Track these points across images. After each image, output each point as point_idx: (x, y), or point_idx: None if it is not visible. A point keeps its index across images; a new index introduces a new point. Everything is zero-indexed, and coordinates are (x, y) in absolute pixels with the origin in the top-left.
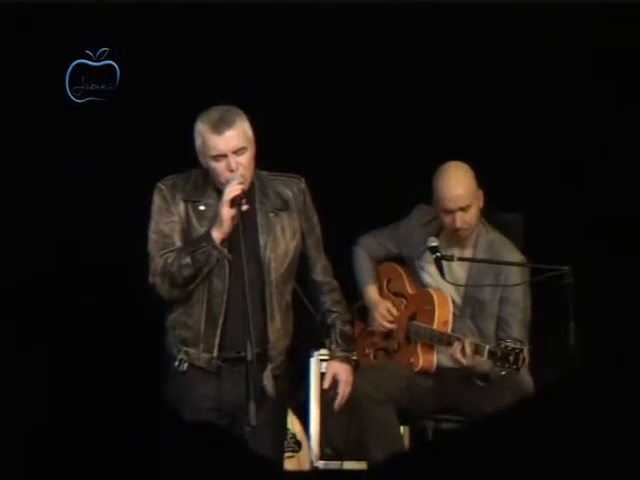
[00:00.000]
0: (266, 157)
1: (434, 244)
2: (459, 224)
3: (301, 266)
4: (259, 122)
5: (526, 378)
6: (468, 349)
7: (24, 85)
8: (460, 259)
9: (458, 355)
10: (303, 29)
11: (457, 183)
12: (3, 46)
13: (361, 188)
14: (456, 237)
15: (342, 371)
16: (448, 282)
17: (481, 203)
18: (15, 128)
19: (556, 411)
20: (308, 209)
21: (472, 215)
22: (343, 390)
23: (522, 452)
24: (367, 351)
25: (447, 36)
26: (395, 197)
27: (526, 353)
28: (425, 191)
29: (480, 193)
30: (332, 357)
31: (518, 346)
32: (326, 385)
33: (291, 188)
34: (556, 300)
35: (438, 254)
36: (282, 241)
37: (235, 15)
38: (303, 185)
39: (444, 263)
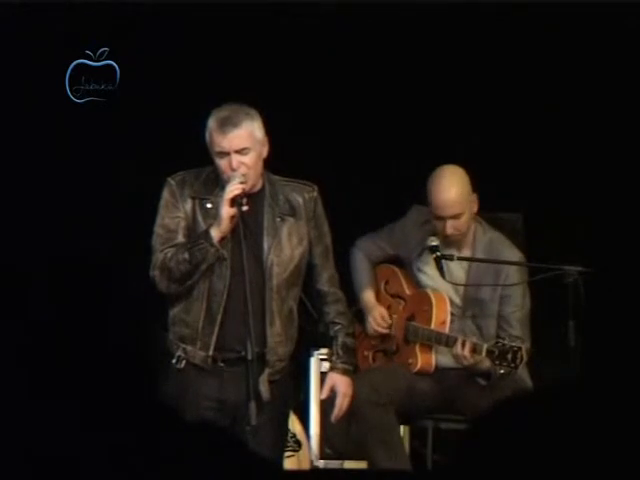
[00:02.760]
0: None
1: (434, 243)
2: (449, 231)
3: (307, 274)
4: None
5: (526, 379)
6: (467, 348)
7: (24, 85)
8: (460, 258)
9: (461, 354)
10: (304, 28)
11: (449, 190)
12: (3, 46)
13: (363, 192)
14: (455, 237)
15: (341, 383)
16: (448, 282)
17: (475, 208)
18: (15, 128)
19: (556, 411)
20: (318, 217)
21: (463, 222)
22: (341, 402)
23: (520, 452)
24: (366, 353)
25: (448, 37)
26: (398, 199)
27: (524, 351)
28: (423, 192)
29: (474, 197)
30: (332, 368)
31: (516, 344)
32: (324, 395)
33: (302, 195)
34: (556, 300)
35: (438, 253)
36: (287, 247)
37: (235, 15)
38: (315, 193)
39: (444, 263)
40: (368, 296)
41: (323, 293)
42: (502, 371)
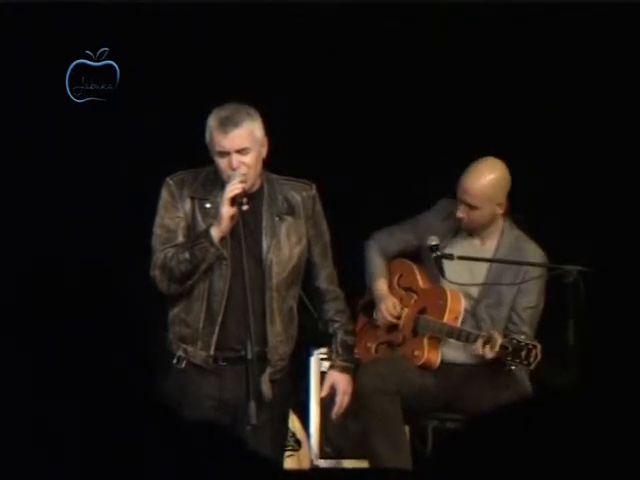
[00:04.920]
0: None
1: (434, 243)
2: (460, 215)
3: (306, 272)
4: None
5: (524, 379)
6: (489, 346)
7: (24, 85)
8: (460, 258)
9: (484, 351)
10: (303, 28)
11: (477, 179)
12: (3, 46)
13: (361, 190)
14: (479, 231)
15: (341, 381)
16: (450, 282)
17: (499, 211)
18: (15, 128)
19: (555, 411)
20: (317, 216)
21: (478, 215)
22: (341, 400)
23: (520, 453)
24: (369, 345)
25: (449, 36)
26: (400, 199)
27: (539, 350)
28: (431, 191)
29: (503, 201)
30: (332, 366)
31: (531, 342)
32: (324, 393)
33: (300, 194)
34: (556, 300)
35: (438, 253)
36: (286, 246)
37: (235, 15)
38: (313, 192)
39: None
40: (380, 286)
41: (322, 291)
42: (513, 367)
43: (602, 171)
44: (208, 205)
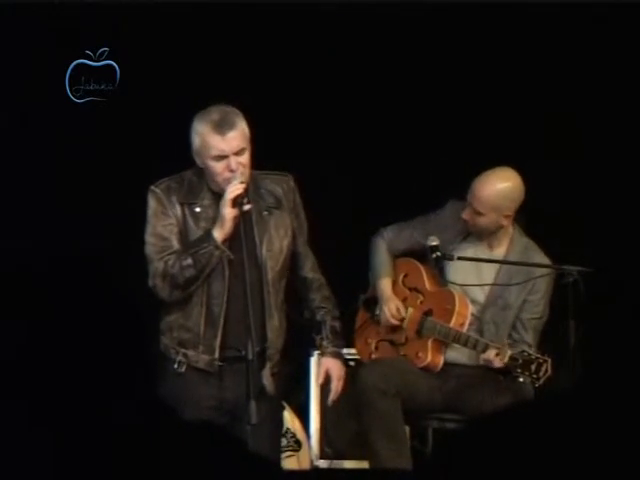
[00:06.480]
0: (262, 156)
1: (434, 243)
2: (465, 216)
3: (291, 263)
4: (257, 122)
5: (526, 383)
6: (499, 356)
7: (24, 85)
8: (460, 258)
9: (494, 360)
10: (303, 28)
11: (486, 187)
12: (3, 46)
13: (353, 185)
14: (487, 236)
15: (334, 367)
16: (452, 283)
17: (504, 221)
18: (15, 128)
19: (555, 412)
20: (297, 206)
21: (483, 221)
22: (336, 386)
23: (520, 454)
24: (369, 341)
25: (445, 37)
26: (398, 198)
27: (549, 365)
28: (421, 191)
29: (510, 212)
30: (323, 353)
31: (542, 357)
32: (320, 381)
33: (281, 186)
34: (556, 300)
35: (438, 254)
36: (276, 239)
37: (235, 15)
38: (292, 183)
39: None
40: (385, 286)
41: (309, 280)
42: (521, 379)
43: (602, 171)
44: (198, 209)
